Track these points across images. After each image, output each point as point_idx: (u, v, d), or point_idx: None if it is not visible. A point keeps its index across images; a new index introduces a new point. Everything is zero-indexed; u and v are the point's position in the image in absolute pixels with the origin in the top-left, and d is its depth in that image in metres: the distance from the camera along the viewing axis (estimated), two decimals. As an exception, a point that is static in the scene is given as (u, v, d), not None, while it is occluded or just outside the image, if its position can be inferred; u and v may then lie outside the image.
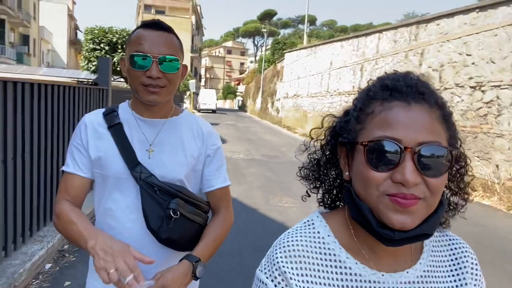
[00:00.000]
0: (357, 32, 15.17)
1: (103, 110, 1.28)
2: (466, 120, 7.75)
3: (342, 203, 0.78)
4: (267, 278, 0.65)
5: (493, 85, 7.24)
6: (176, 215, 1.17)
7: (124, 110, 1.26)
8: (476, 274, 0.73)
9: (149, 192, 1.17)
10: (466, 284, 0.70)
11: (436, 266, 0.71)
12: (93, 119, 1.24)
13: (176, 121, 1.27)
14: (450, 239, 0.75)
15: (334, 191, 0.77)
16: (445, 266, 0.72)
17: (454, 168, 0.69)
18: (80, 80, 5.80)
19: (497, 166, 7.05)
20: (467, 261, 0.73)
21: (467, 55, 7.96)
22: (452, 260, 0.73)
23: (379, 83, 0.65)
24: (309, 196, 0.78)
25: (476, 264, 0.74)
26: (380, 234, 0.60)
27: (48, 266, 3.32)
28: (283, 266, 0.64)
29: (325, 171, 0.75)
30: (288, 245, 0.66)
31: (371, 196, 0.60)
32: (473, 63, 7.79)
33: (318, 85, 17.44)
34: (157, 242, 1.18)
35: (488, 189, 6.67)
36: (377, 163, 0.59)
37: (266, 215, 5.21)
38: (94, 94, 5.50)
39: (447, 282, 0.70)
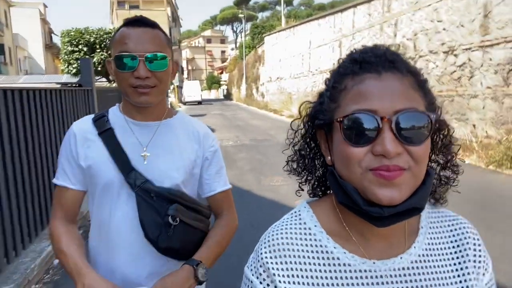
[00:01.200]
0: (333, 9, 15.28)
1: (92, 116, 1.22)
2: (442, 85, 8.03)
3: (330, 189, 0.73)
4: (252, 275, 0.64)
5: (464, 48, 7.51)
6: (175, 221, 1.10)
7: (115, 114, 1.20)
8: (480, 256, 0.67)
9: (146, 198, 1.11)
10: (466, 267, 0.66)
11: (434, 249, 0.66)
12: (82, 127, 1.19)
13: (170, 123, 1.21)
14: (449, 219, 0.70)
15: (322, 181, 0.74)
16: (444, 248, 0.67)
17: (437, 137, 0.67)
18: (63, 83, 5.88)
19: (473, 125, 7.38)
20: (468, 243, 0.68)
21: (438, 21, 8.20)
22: (452, 241, 0.68)
23: (348, 58, 0.64)
24: (302, 190, 0.76)
25: (479, 245, 0.68)
26: (369, 213, 0.57)
27: (56, 261, 3.52)
28: (267, 263, 0.62)
29: (310, 161, 0.72)
30: (273, 239, 0.64)
31: (354, 174, 0.58)
32: (444, 29, 8.05)
33: (300, 65, 17.61)
34: (158, 252, 1.12)
35: (467, 148, 7.00)
36: (356, 138, 0.57)
37: (259, 195, 5.45)
38: (80, 95, 5.62)
39: (446, 265, 0.65)
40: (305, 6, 64.76)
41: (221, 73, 60.67)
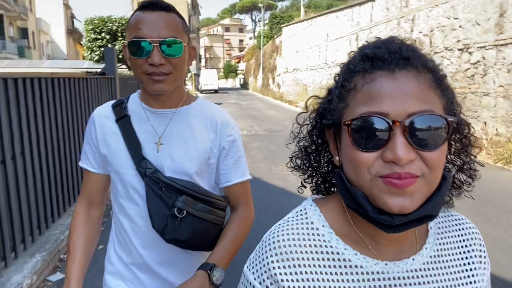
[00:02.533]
0: (351, 2, 15.25)
1: (112, 102, 1.22)
2: (456, 82, 8.09)
3: (337, 189, 0.70)
4: (255, 279, 0.60)
5: (479, 46, 7.55)
6: (182, 214, 1.08)
7: (134, 101, 1.19)
8: (484, 257, 0.67)
9: (154, 189, 1.10)
10: (475, 268, 0.65)
11: (444, 250, 0.65)
12: (102, 113, 1.19)
13: (187, 111, 1.17)
14: (456, 219, 0.69)
15: (328, 178, 0.71)
16: (453, 248, 0.66)
17: (456, 138, 0.63)
18: (89, 71, 6.24)
19: (485, 123, 7.46)
20: (475, 243, 0.67)
21: (455, 18, 8.22)
22: (460, 241, 0.67)
23: (359, 53, 0.59)
24: (305, 187, 0.73)
25: (483, 246, 0.68)
26: (378, 221, 0.54)
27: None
28: (274, 268, 0.58)
29: (317, 158, 0.69)
30: (278, 241, 0.60)
31: (363, 180, 0.55)
32: (460, 26, 8.07)
33: (316, 57, 17.66)
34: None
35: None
36: (365, 142, 0.54)
37: (269, 182, 5.74)
38: (103, 83, 5.96)
39: (455, 266, 0.64)
40: (325, -4, 63.84)
41: (238, 62, 60.74)
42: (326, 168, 0.70)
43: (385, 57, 0.55)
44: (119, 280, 1.21)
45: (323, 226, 0.62)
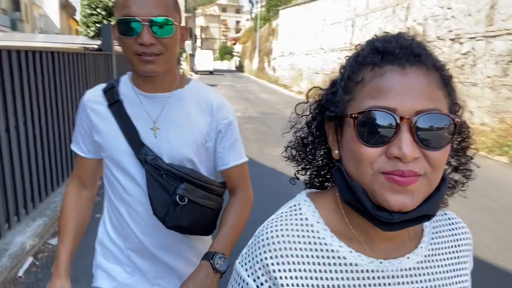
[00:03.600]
0: (349, -13, 15.23)
1: (103, 85, 1.18)
2: (446, 72, 8.30)
3: (331, 184, 0.71)
4: (248, 276, 0.59)
5: (470, 37, 7.73)
6: (183, 201, 1.08)
7: (125, 85, 1.16)
8: (471, 257, 0.69)
9: (155, 176, 1.09)
10: (464, 268, 0.67)
11: (437, 249, 0.65)
12: (93, 98, 1.16)
13: (181, 94, 1.15)
14: (449, 219, 0.70)
15: (323, 172, 0.70)
16: (446, 247, 0.66)
17: (456, 139, 0.63)
18: (86, 46, 6.31)
19: (471, 112, 7.71)
20: (465, 244, 0.68)
21: (448, 8, 8.37)
22: (453, 241, 0.67)
23: (368, 46, 0.58)
24: (298, 179, 0.72)
25: (471, 246, 0.70)
26: (377, 218, 0.54)
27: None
28: (268, 264, 0.57)
29: (312, 151, 0.68)
30: (272, 236, 0.59)
31: (365, 175, 0.54)
32: (452, 17, 8.23)
33: (312, 42, 17.70)
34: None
35: (462, 134, 7.35)
36: (370, 137, 0.53)
37: (260, 162, 5.95)
38: (100, 59, 6.05)
39: (448, 265, 0.65)
40: (324, -21, 62.99)
41: (235, 44, 60.21)
42: (321, 162, 0.69)
43: (396, 52, 0.55)
44: (114, 264, 1.21)
45: (317, 222, 0.61)
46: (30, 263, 2.91)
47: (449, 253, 0.66)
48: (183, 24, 1.14)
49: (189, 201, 1.10)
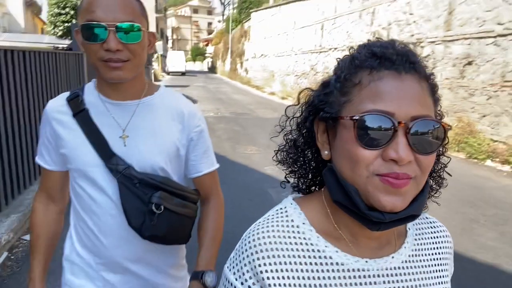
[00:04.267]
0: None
1: (66, 94, 1.14)
2: (409, 74, 8.76)
3: (317, 188, 0.72)
4: (236, 280, 0.59)
5: (430, 41, 8.22)
6: (159, 210, 1.06)
7: (90, 93, 1.12)
8: (451, 260, 0.72)
9: (128, 186, 1.06)
10: (446, 269, 0.69)
11: (420, 250, 0.67)
12: (56, 107, 1.12)
13: (151, 101, 1.13)
14: (430, 222, 0.73)
15: (310, 175, 0.71)
16: (428, 249, 0.68)
17: None
18: (56, 46, 6.26)
19: (431, 112, 8.19)
20: (446, 247, 0.71)
21: (410, 14, 8.85)
22: (434, 243, 0.69)
23: (365, 50, 0.60)
24: (288, 182, 0.73)
25: (452, 250, 0.72)
26: (367, 218, 0.56)
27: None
28: (256, 266, 0.58)
29: (302, 153, 0.69)
30: (259, 238, 0.60)
31: (360, 176, 0.55)
32: (414, 22, 8.71)
33: (284, 44, 18.04)
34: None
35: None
36: (367, 139, 0.54)
37: (232, 160, 6.11)
38: (71, 59, 6.03)
39: (430, 266, 0.67)
40: (295, -17, 63.92)
41: (207, 45, 60.03)
42: (308, 164, 0.70)
43: (394, 58, 0.56)
44: (84, 279, 1.16)
45: (303, 223, 0.62)
46: (5, 257, 2.95)
47: (431, 254, 0.68)
48: (152, 29, 1.11)
49: (165, 209, 1.08)
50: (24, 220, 3.42)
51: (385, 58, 0.57)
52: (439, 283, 0.67)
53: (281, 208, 0.66)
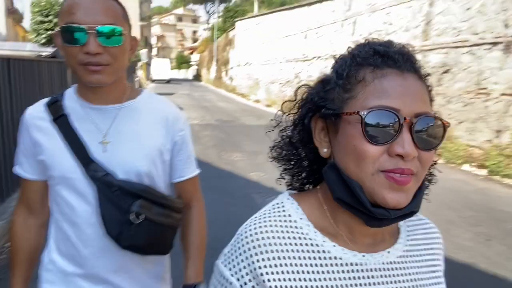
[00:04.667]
0: (302, 2, 15.98)
1: (46, 100, 1.12)
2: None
3: (311, 186, 0.72)
4: (232, 275, 0.58)
5: (409, 51, 8.50)
6: (139, 219, 1.04)
7: (70, 98, 1.09)
8: (442, 260, 0.72)
9: (107, 193, 1.03)
10: (438, 270, 0.70)
11: (414, 246, 0.68)
12: (34, 113, 1.09)
13: (133, 105, 1.10)
14: (422, 222, 0.73)
15: (303, 173, 0.70)
16: (421, 246, 0.69)
17: None
18: (40, 53, 6.25)
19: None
20: (437, 242, 0.72)
21: (389, 24, 9.15)
22: (426, 240, 0.70)
23: (366, 48, 0.61)
24: (283, 179, 0.72)
25: (442, 250, 0.73)
26: (370, 215, 0.57)
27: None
28: (255, 261, 0.57)
29: (298, 150, 0.69)
30: (256, 233, 0.59)
31: (365, 173, 0.56)
32: (393, 32, 8.99)
33: (268, 53, 18.25)
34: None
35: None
36: (375, 135, 0.55)
37: (218, 167, 6.17)
38: (54, 67, 6.03)
39: (425, 261, 0.68)
40: (279, -8, 64.86)
41: (191, 53, 60.07)
42: (300, 162, 0.69)
43: (396, 57, 0.58)
44: None
45: (300, 218, 0.62)
46: (-10, 265, 2.94)
47: (424, 250, 0.69)
48: (135, 34, 1.10)
49: (145, 219, 1.05)
50: (7, 228, 3.40)
51: (387, 56, 0.58)
52: (434, 277, 0.68)
53: (277, 203, 0.65)
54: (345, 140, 0.58)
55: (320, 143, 0.64)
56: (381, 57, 0.59)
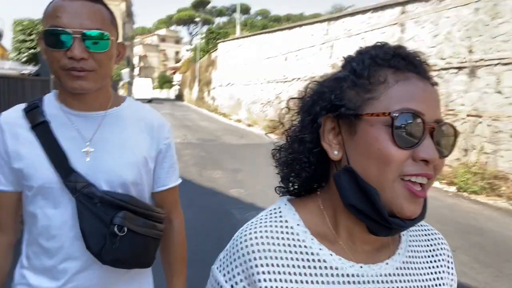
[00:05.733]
0: (284, 25, 16.55)
1: (23, 105, 1.05)
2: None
3: (305, 192, 0.68)
4: (226, 282, 0.58)
5: (382, 74, 8.96)
6: (122, 232, 0.98)
7: (50, 104, 1.04)
8: (451, 268, 0.69)
9: (88, 205, 0.98)
10: (442, 278, 0.66)
11: (414, 257, 0.66)
12: (11, 120, 1.02)
13: (118, 113, 1.07)
14: (425, 230, 0.70)
15: (304, 177, 0.65)
16: (423, 257, 0.67)
17: None
18: (23, 72, 6.34)
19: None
20: (443, 254, 0.69)
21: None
22: (429, 251, 0.68)
23: (384, 49, 0.59)
24: (284, 187, 0.68)
25: (450, 257, 0.70)
26: (382, 223, 0.55)
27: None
28: (249, 268, 0.56)
29: (304, 153, 0.63)
30: (251, 239, 0.58)
31: (387, 179, 0.54)
32: (368, 55, 9.47)
33: (250, 74, 18.66)
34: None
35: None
36: (402, 139, 0.53)
37: (199, 184, 6.29)
38: (38, 85, 6.11)
39: (425, 274, 0.65)
40: (261, 16, 66.47)
41: (174, 73, 60.40)
42: (309, 165, 0.64)
43: (416, 62, 0.58)
44: None
45: (297, 224, 0.61)
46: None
47: (426, 262, 0.66)
48: (120, 40, 1.06)
49: (128, 231, 1.00)
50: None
51: (409, 60, 0.58)
52: (437, 285, 0.65)
53: (274, 209, 0.64)
54: (366, 143, 0.56)
55: (329, 145, 0.60)
56: (403, 60, 0.58)
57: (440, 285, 0.66)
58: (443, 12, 7.40)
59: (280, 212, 0.63)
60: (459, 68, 6.94)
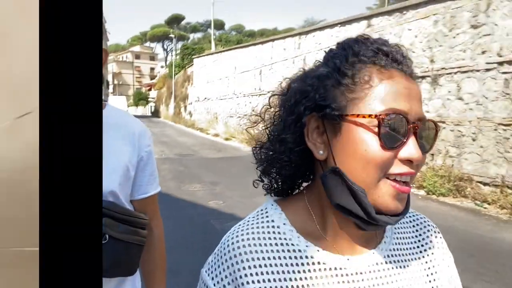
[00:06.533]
0: (257, 40, 16.94)
1: None
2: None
3: (290, 191, 0.68)
4: (214, 285, 0.58)
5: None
6: (104, 239, 0.99)
7: None
8: (444, 248, 0.69)
9: None
10: (434, 259, 0.66)
11: (401, 244, 0.66)
12: None
13: None
14: (410, 215, 0.70)
15: (284, 172, 0.64)
16: (410, 242, 0.67)
17: None
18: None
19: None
20: (430, 235, 0.68)
21: (335, 61, 10.00)
22: (416, 236, 0.68)
23: (371, 47, 0.57)
24: (262, 181, 0.67)
25: (441, 238, 0.69)
26: (370, 221, 0.55)
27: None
28: (236, 270, 0.57)
29: (289, 152, 0.62)
30: (238, 241, 0.58)
31: (373, 179, 0.54)
32: (339, 67, 9.85)
33: (226, 88, 18.90)
34: None
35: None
36: (387, 140, 0.53)
37: (177, 197, 6.36)
38: None
39: (414, 259, 0.65)
40: (236, 31, 67.31)
41: (150, 90, 59.99)
42: (293, 164, 0.63)
43: (399, 58, 0.57)
44: None
45: (284, 224, 0.62)
46: None
47: (414, 247, 0.66)
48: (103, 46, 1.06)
49: (110, 238, 1.00)
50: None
51: (393, 57, 0.57)
52: (425, 275, 0.65)
53: (261, 210, 0.65)
54: (353, 144, 0.55)
55: (314, 144, 0.60)
56: (386, 56, 0.57)
57: (430, 267, 0.66)
58: (405, 24, 7.84)
59: (266, 212, 0.64)
60: (423, 77, 7.33)
